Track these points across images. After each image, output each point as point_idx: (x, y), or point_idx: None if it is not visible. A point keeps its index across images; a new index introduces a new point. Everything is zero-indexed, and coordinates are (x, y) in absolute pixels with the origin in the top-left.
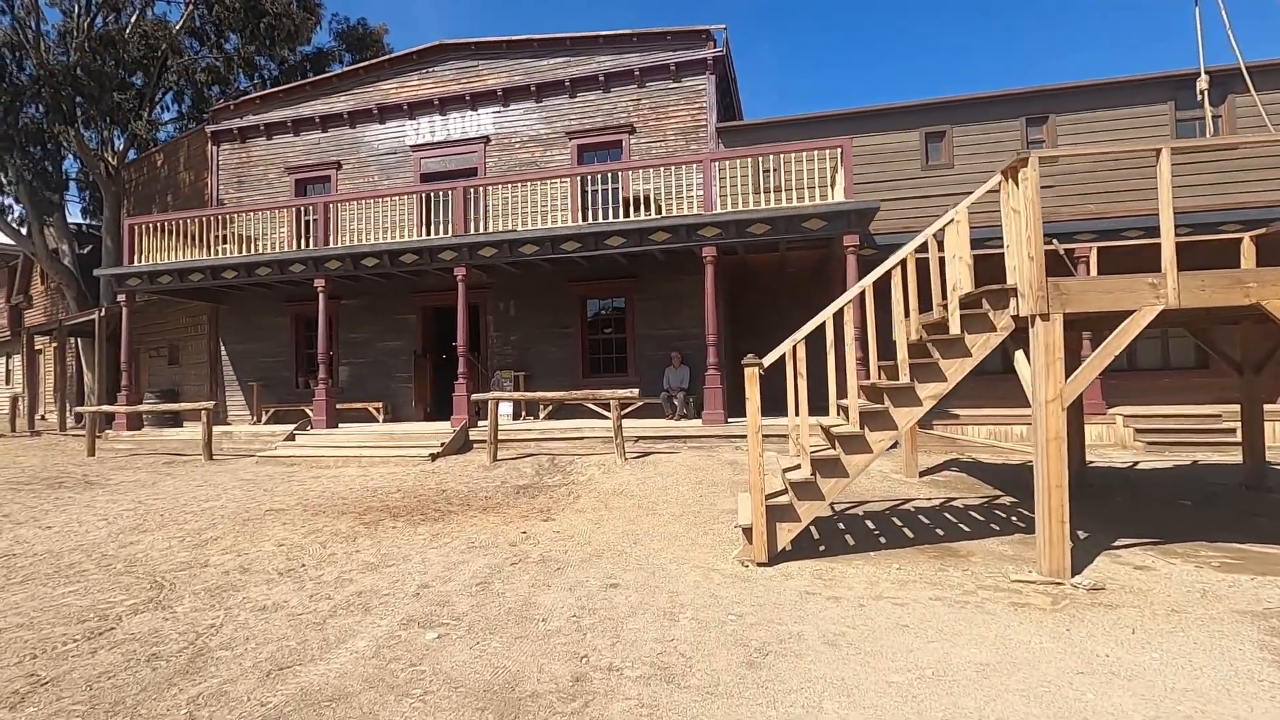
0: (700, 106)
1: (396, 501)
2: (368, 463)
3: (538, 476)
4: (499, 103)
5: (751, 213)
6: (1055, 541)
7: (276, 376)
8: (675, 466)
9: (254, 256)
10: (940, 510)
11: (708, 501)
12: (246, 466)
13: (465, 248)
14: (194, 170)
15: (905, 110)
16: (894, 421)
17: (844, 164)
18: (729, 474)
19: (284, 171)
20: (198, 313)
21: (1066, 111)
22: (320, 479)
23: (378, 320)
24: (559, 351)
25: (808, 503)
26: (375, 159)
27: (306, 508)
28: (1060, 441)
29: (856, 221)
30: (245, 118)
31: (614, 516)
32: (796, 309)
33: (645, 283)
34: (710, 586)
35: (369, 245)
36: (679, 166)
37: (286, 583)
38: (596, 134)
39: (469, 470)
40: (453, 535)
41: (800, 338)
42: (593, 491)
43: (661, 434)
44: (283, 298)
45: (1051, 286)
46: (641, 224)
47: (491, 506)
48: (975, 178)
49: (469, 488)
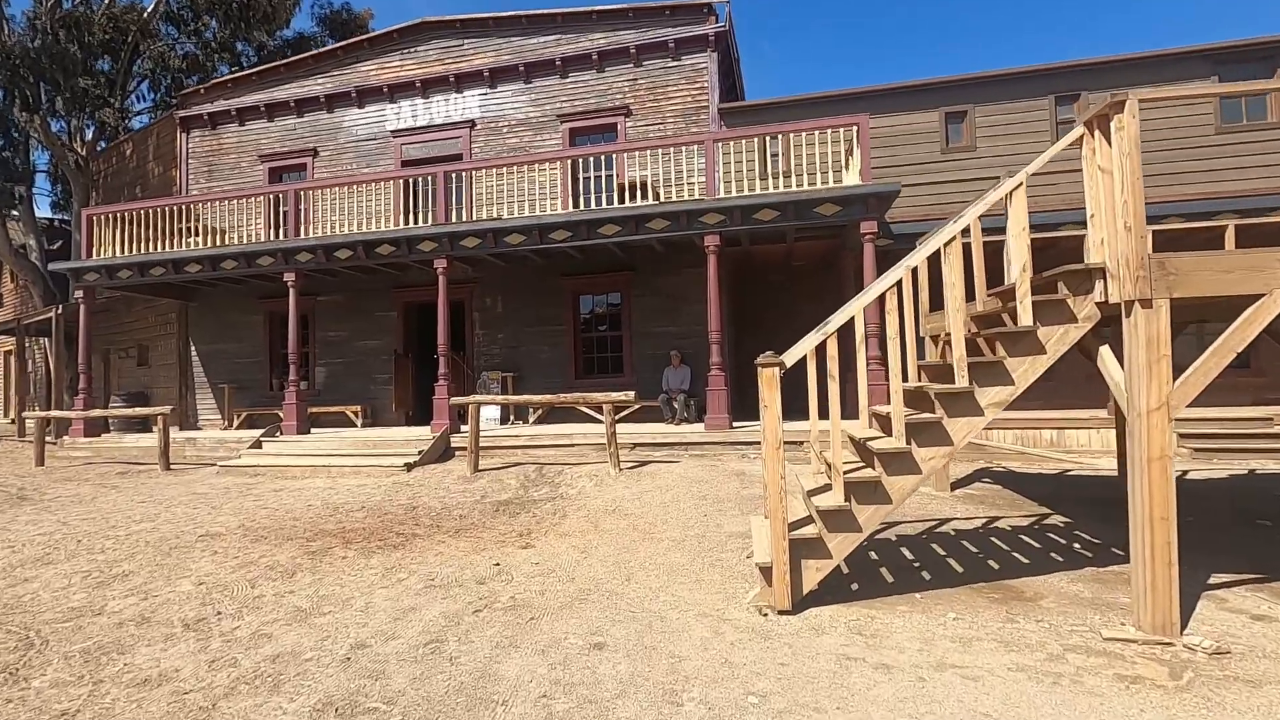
0: (701, 86)
1: (357, 522)
2: (337, 473)
3: (522, 489)
4: (485, 84)
5: (758, 197)
6: (1159, 589)
7: (250, 378)
8: (675, 478)
9: (219, 249)
10: (985, 534)
11: (713, 522)
12: (205, 478)
13: (446, 238)
14: (163, 160)
15: (923, 89)
16: (948, 435)
17: (860, 143)
18: (736, 487)
19: (257, 160)
20: (167, 311)
21: (1101, 88)
22: (280, 493)
23: (357, 317)
24: (550, 351)
25: (840, 535)
26: (354, 145)
27: (249, 531)
28: (1166, 462)
29: (875, 206)
30: (216, 102)
31: (604, 542)
32: (805, 306)
33: (643, 277)
34: (721, 647)
35: (342, 236)
36: (678, 149)
37: (189, 640)
38: (590, 116)
39: (447, 482)
40: (411, 568)
41: (832, 329)
42: (582, 509)
43: (660, 440)
44: (256, 294)
45: (1155, 265)
46: (638, 210)
47: (465, 528)
48: (1000, 161)
49: (444, 503)
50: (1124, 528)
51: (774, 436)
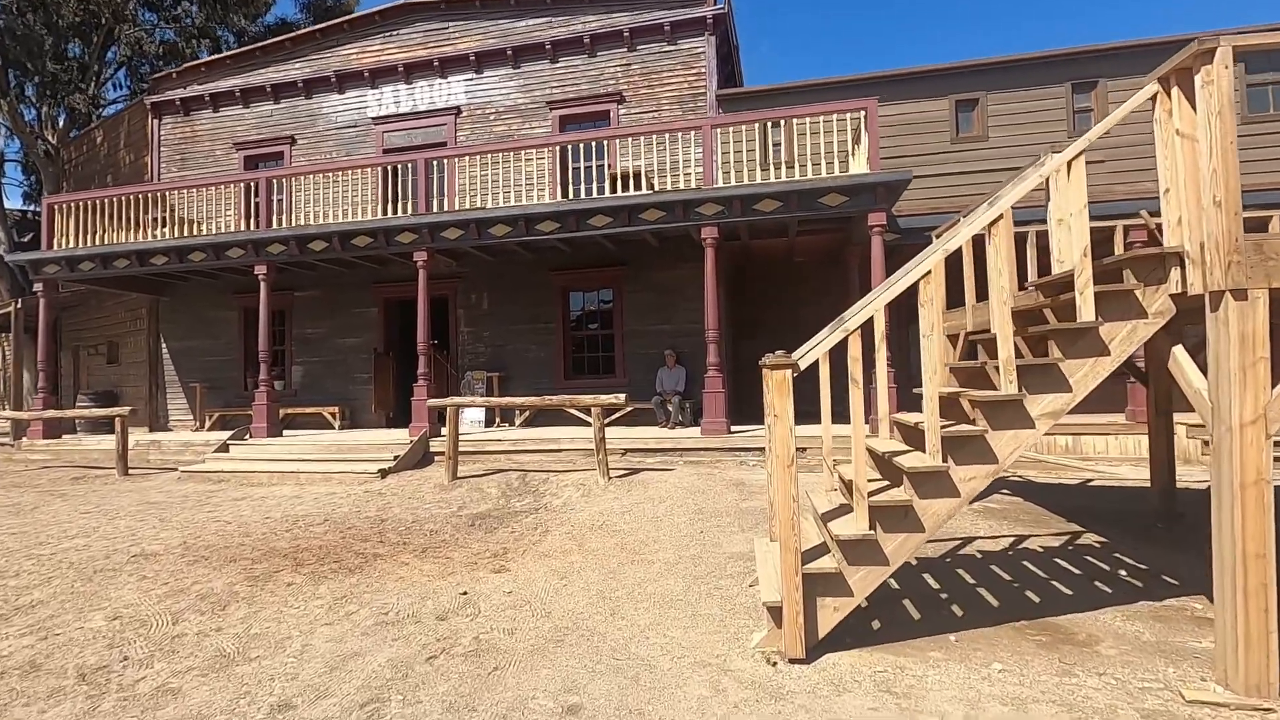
0: (698, 72)
1: (315, 539)
2: (306, 480)
3: (503, 499)
4: (471, 69)
5: (759, 187)
6: (1254, 641)
7: (223, 377)
8: (669, 488)
9: (185, 240)
10: (1015, 557)
11: (710, 540)
12: (164, 484)
13: (426, 229)
14: (134, 148)
15: (932, 75)
16: (992, 451)
17: (868, 129)
18: (735, 499)
19: (232, 148)
20: (137, 306)
21: (1122, 75)
22: (240, 503)
23: (336, 314)
24: (538, 350)
25: (863, 569)
26: (333, 133)
27: (190, 550)
28: (1263, 487)
29: (884, 196)
30: (189, 87)
31: (589, 564)
32: (807, 305)
33: (636, 272)
34: (723, 711)
35: (316, 226)
36: (674, 137)
37: (77, 697)
38: (581, 104)
39: (422, 491)
40: (364, 599)
41: (855, 325)
42: (566, 524)
43: (653, 446)
44: (231, 289)
45: (1251, 249)
46: (631, 200)
47: (435, 545)
48: (1014, 152)
49: (415, 515)
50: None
51: (785, 451)
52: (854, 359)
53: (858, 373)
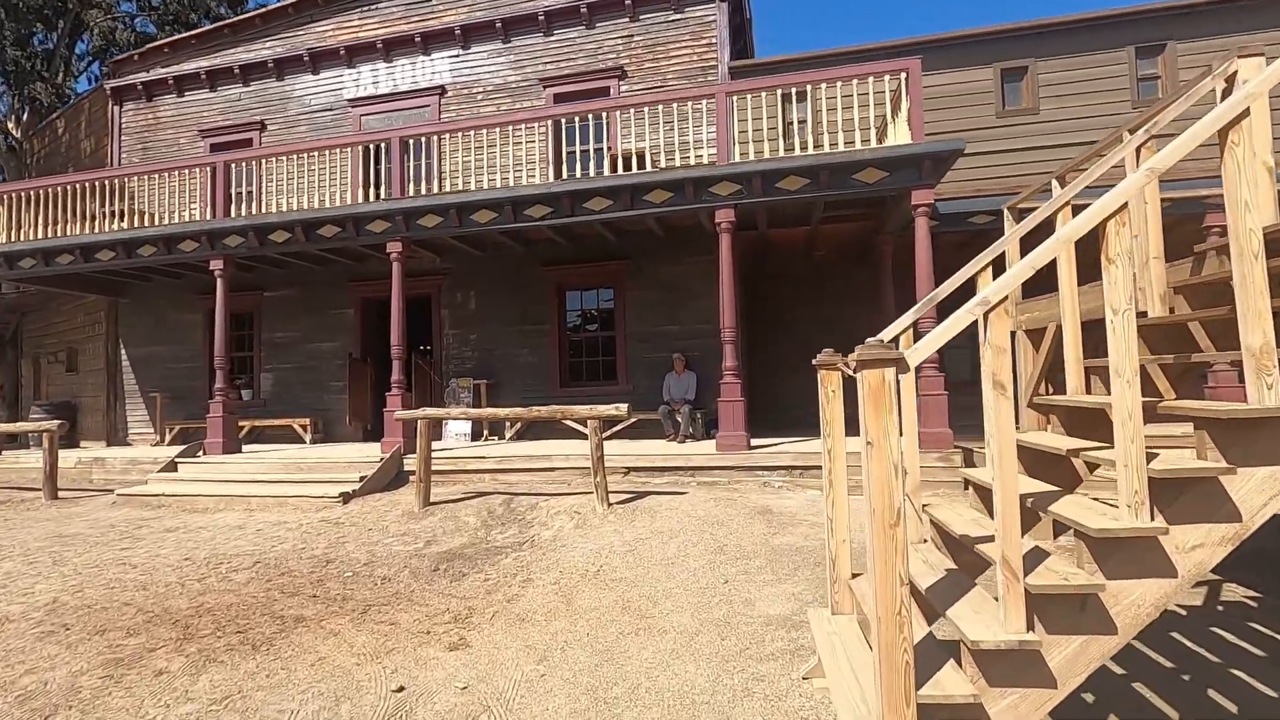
0: (708, 43)
1: (230, 592)
2: (258, 505)
3: (482, 531)
4: (457, 44)
5: (783, 161)
6: None
7: (186, 386)
8: (681, 518)
9: (132, 232)
10: (1204, 622)
11: (739, 595)
12: (93, 510)
13: (400, 216)
14: (95, 137)
15: (974, 40)
16: (1231, 501)
17: (910, 93)
18: (762, 533)
19: (197, 135)
20: (95, 309)
21: (1193, 37)
22: (167, 538)
23: (309, 316)
24: (531, 354)
25: (1014, 695)
26: (307, 117)
27: (55, 613)
28: None
29: (930, 171)
30: (152, 70)
31: (578, 636)
32: (828, 304)
33: (639, 266)
34: None
35: (277, 215)
36: (684, 114)
37: None
38: (578, 80)
39: (387, 520)
40: (254, 701)
41: (1000, 296)
42: (554, 568)
43: (661, 463)
44: (195, 289)
45: None
46: (633, 180)
47: (382, 602)
48: (1068, 125)
49: (370, 555)
50: None
51: (887, 503)
52: (998, 348)
53: (1004, 372)
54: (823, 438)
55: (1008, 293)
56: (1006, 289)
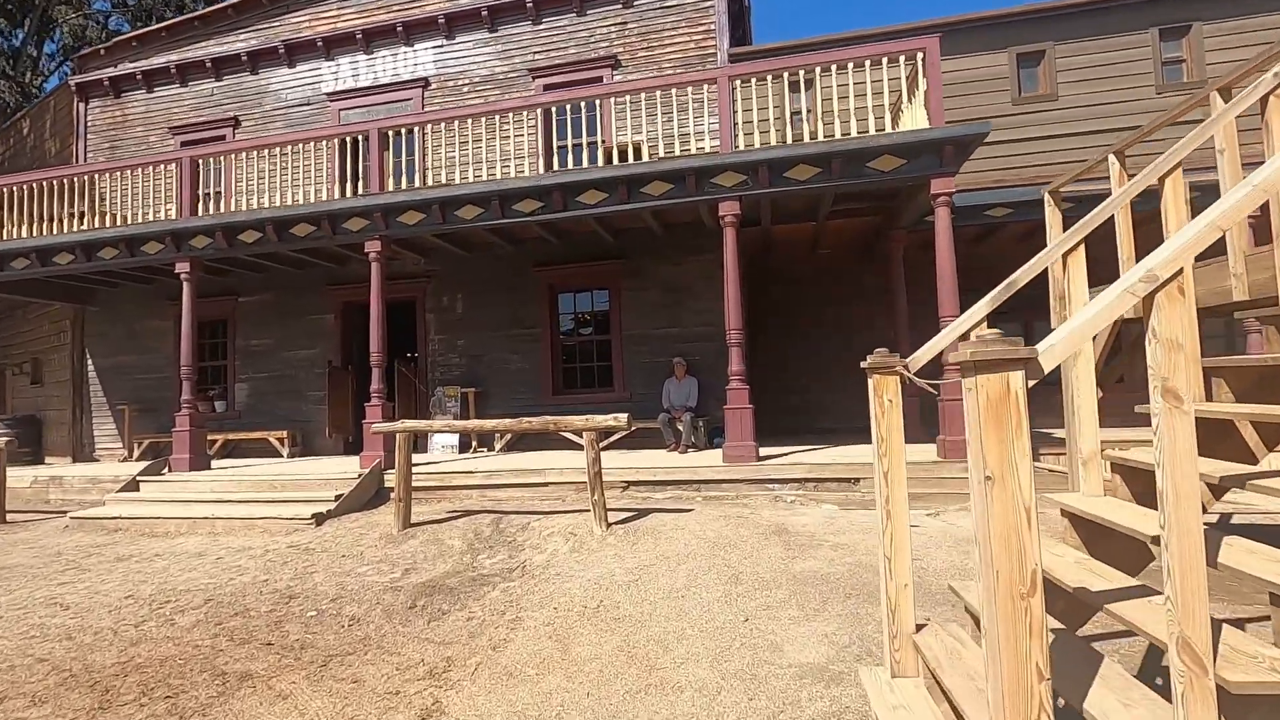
0: (706, 30)
1: (170, 640)
2: (223, 529)
3: (467, 557)
4: (441, 34)
5: (792, 149)
6: None
7: (156, 397)
8: (689, 539)
9: (91, 233)
10: None
11: (763, 637)
12: (42, 535)
13: (379, 213)
14: (61, 136)
15: (987, 23)
16: None
17: (928, 75)
18: (780, 556)
19: (167, 132)
20: (61, 317)
21: (1220, 17)
22: (115, 569)
23: (287, 321)
24: (521, 360)
25: None
26: (283, 112)
27: None
28: None
29: (952, 157)
30: (120, 65)
31: (575, 696)
32: (834, 305)
33: (637, 266)
34: None
35: (246, 214)
36: (683, 105)
37: None
38: (569, 70)
39: (362, 545)
40: None
41: (1171, 271)
42: (548, 604)
43: (663, 476)
44: (165, 295)
45: None
46: (630, 171)
47: (347, 650)
48: (1089, 112)
49: (339, 589)
50: None
51: (1016, 566)
52: (1170, 343)
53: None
54: (876, 458)
55: (1183, 263)
56: (1182, 258)
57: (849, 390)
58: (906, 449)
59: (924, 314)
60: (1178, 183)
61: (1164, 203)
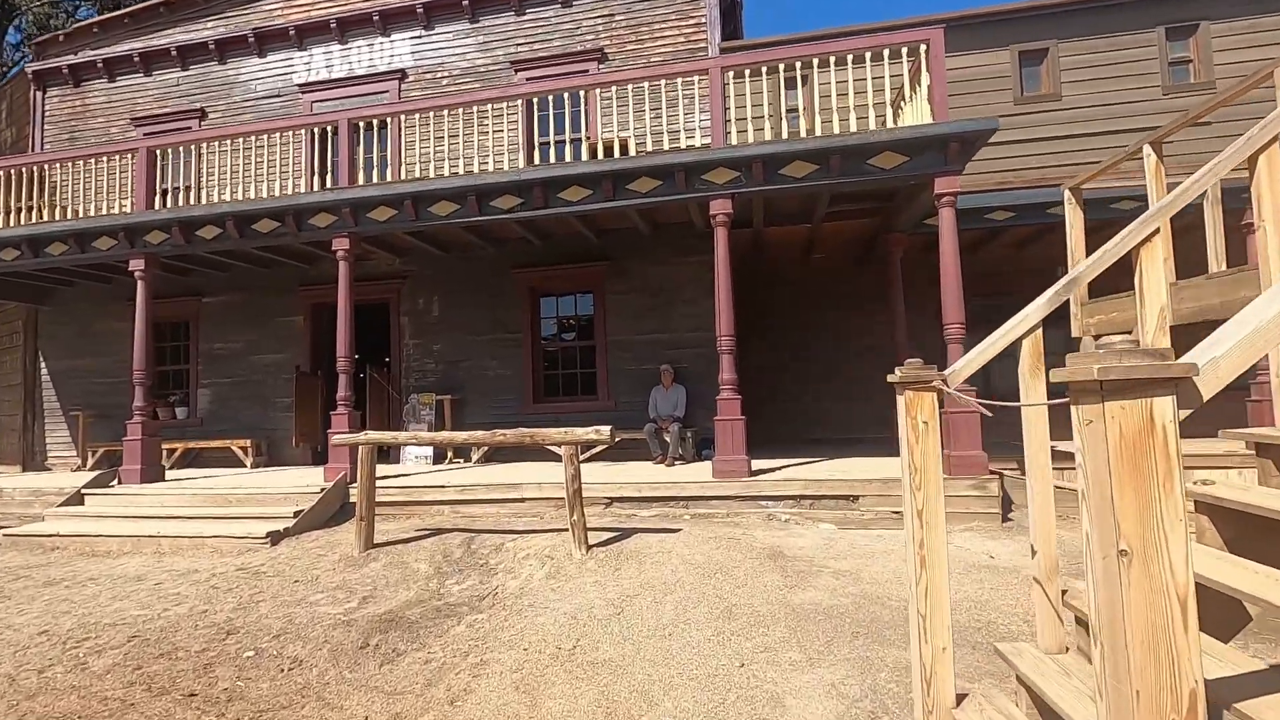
0: (697, 23)
1: (78, 690)
2: (170, 548)
3: (434, 582)
4: (419, 24)
5: (788, 144)
6: None
7: (113, 403)
8: (677, 564)
9: (37, 227)
10: None
11: (762, 686)
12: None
13: (347, 208)
14: (17, 126)
15: (988, 20)
16: None
17: (931, 68)
18: (777, 584)
19: (129, 124)
20: (13, 317)
21: (1228, 16)
22: (41, 595)
23: (253, 324)
24: (501, 366)
25: None
26: (252, 104)
27: None
28: None
29: (957, 155)
30: (80, 53)
31: None
32: (826, 314)
33: (622, 268)
34: None
35: (205, 208)
36: (671, 95)
37: None
38: (553, 63)
39: (318, 569)
40: None
41: None
42: (518, 643)
43: (649, 492)
44: (124, 295)
45: None
46: (616, 165)
47: (281, 705)
48: (1094, 113)
49: (286, 622)
50: None
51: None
52: None
53: None
54: (908, 491)
55: None
56: None
57: (843, 399)
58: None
59: (921, 322)
60: (1273, 155)
61: (1256, 185)
